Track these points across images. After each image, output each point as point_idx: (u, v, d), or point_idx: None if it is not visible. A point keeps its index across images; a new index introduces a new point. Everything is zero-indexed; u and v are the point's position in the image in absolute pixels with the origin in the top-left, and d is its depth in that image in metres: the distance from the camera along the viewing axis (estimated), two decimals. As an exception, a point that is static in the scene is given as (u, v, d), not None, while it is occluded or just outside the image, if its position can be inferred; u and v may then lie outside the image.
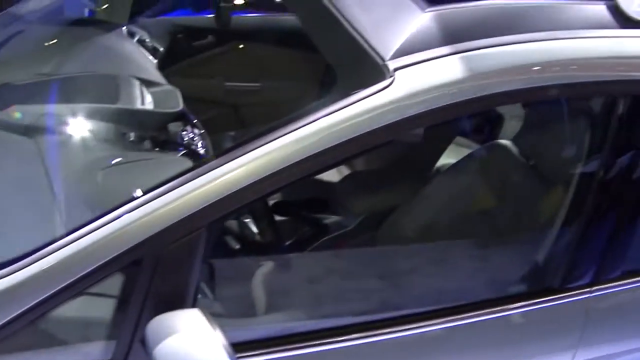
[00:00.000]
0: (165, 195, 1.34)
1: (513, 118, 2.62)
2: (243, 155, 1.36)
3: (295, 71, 2.97)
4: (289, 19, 2.83)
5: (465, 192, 2.25)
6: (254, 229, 2.13)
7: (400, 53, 1.46)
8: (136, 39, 2.69)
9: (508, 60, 1.51)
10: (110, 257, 1.32)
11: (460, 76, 1.45)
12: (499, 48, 1.52)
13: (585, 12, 1.68)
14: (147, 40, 2.71)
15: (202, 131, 2.25)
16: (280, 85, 2.97)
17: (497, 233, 2.13)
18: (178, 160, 1.88)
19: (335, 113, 1.39)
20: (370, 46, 1.50)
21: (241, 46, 3.00)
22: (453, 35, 1.51)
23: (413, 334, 1.70)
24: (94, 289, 1.37)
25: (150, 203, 1.33)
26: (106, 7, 2.84)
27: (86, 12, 2.91)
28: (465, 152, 2.48)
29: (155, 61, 2.63)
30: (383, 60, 1.45)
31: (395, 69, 1.43)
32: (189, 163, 1.82)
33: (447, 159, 2.66)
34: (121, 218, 1.33)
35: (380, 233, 2.35)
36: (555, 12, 1.66)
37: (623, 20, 1.69)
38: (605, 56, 1.64)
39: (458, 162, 2.35)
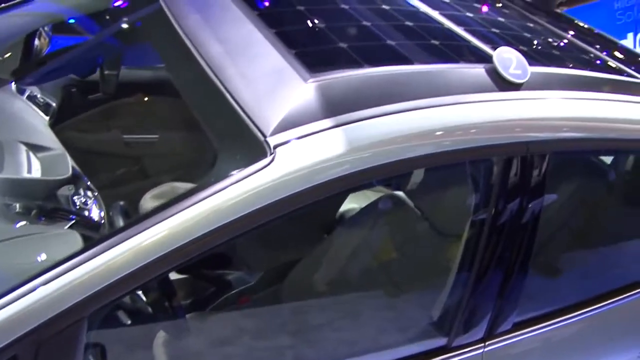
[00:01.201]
0: (42, 288, 1.29)
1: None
2: (123, 242, 1.33)
3: (194, 120, 2.95)
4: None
5: (362, 245, 2.27)
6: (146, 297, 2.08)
7: (281, 128, 1.46)
8: (26, 95, 2.61)
9: (391, 130, 1.54)
10: None
11: (341, 150, 1.46)
12: (381, 119, 1.53)
13: (466, 77, 1.73)
14: (39, 96, 2.63)
15: (95, 193, 2.19)
16: (179, 135, 2.93)
17: (394, 288, 2.15)
18: (65, 235, 1.81)
19: (217, 194, 1.38)
20: (252, 121, 1.49)
21: (138, 98, 2.95)
22: (336, 106, 1.52)
23: None
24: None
25: (26, 297, 1.29)
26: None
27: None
28: (365, 199, 2.50)
29: (47, 118, 2.55)
30: (264, 136, 1.45)
31: (276, 146, 1.43)
32: (75, 237, 1.75)
33: (348, 205, 2.68)
34: None
35: (283, 287, 2.34)
36: (437, 78, 1.70)
37: (501, 83, 1.74)
38: (485, 121, 1.68)
39: (355, 215, 2.37)
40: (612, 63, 2.25)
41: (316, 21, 1.89)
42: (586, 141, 1.87)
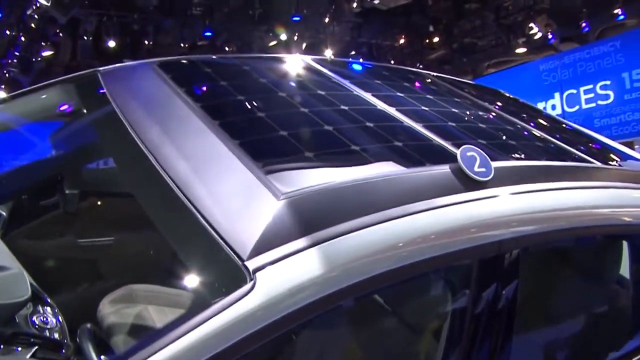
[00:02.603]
0: None
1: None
2: None
3: (148, 221, 2.89)
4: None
5: (331, 346, 2.22)
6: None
7: (258, 250, 1.43)
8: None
9: (367, 244, 1.53)
10: None
11: (322, 270, 1.44)
12: (357, 233, 1.52)
13: (433, 180, 1.74)
14: (-13, 207, 2.54)
15: (55, 309, 2.10)
16: (134, 237, 2.86)
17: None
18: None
19: (201, 327, 1.33)
20: (227, 243, 1.46)
21: (91, 201, 2.89)
22: (311, 223, 1.51)
23: None
24: None
25: None
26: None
27: None
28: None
29: (-2, 228, 2.46)
30: (242, 260, 1.41)
31: (256, 270, 1.39)
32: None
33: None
34: None
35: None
36: (406, 184, 1.70)
37: (468, 182, 1.76)
38: (459, 225, 1.69)
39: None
40: (566, 148, 2.32)
41: (279, 129, 1.89)
42: (556, 232, 1.90)
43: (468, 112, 2.43)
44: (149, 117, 1.97)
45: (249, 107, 2.05)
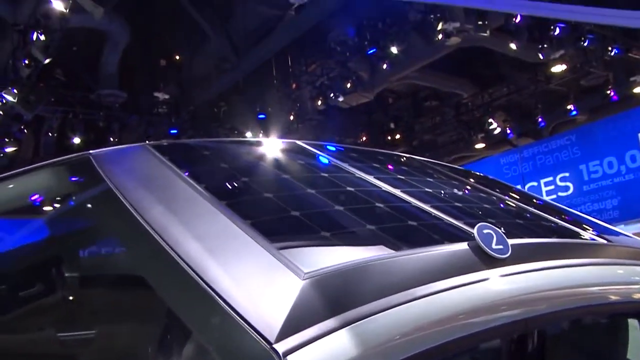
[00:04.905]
0: None
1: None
2: None
3: (134, 312, 2.74)
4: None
5: None
6: None
7: (286, 332, 1.33)
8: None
9: (399, 325, 1.44)
10: None
11: (356, 352, 1.34)
12: (385, 313, 1.43)
13: (454, 259, 1.68)
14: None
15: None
16: (118, 329, 2.70)
17: None
18: None
19: None
20: (251, 326, 1.35)
21: (73, 292, 2.74)
22: (337, 303, 1.42)
23: None
24: None
25: None
26: None
27: None
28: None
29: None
30: (269, 343, 1.31)
31: (286, 354, 1.29)
32: None
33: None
34: None
35: None
36: (429, 263, 1.64)
37: (487, 260, 1.71)
38: (486, 302, 1.62)
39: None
40: (568, 226, 2.30)
41: (290, 209, 1.83)
42: (579, 309, 1.84)
43: (468, 194, 2.41)
44: (151, 198, 1.88)
45: (254, 188, 1.99)
